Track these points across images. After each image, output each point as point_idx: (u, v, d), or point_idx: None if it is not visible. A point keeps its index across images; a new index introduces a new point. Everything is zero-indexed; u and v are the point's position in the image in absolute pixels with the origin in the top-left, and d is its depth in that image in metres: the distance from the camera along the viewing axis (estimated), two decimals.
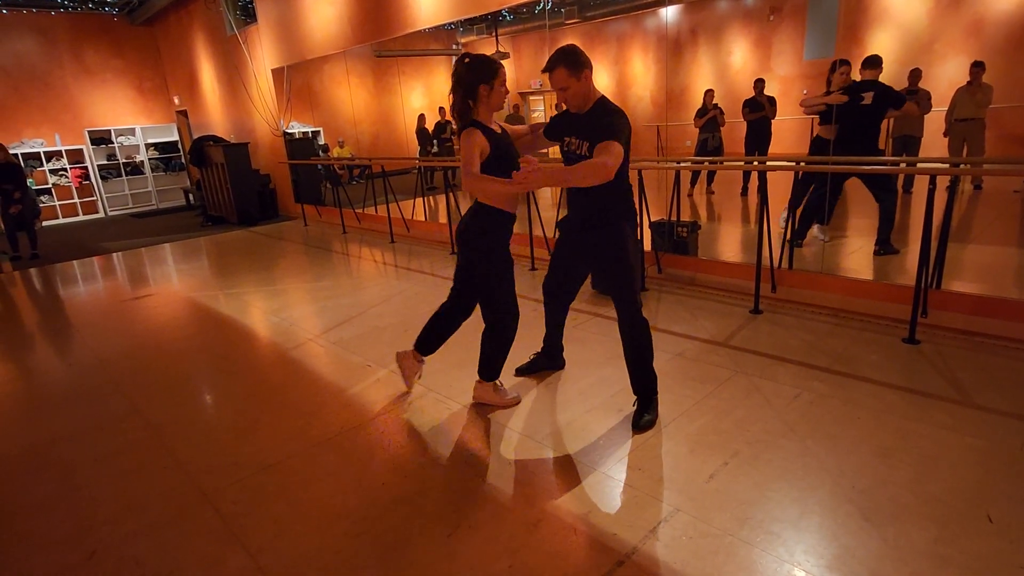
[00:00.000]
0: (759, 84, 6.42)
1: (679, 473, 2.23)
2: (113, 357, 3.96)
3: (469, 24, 8.65)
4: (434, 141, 9.59)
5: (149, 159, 12.46)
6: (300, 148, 9.31)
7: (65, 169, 11.54)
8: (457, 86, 2.45)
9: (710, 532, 1.91)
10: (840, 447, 2.30)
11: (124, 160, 12.17)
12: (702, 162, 6.63)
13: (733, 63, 8.08)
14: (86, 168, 11.79)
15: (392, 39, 6.91)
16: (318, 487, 2.33)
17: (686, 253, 4.64)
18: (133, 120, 12.36)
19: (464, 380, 3.07)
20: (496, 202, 2.55)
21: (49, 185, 11.41)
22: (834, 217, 4.98)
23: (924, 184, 3.14)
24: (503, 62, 2.56)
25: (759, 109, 6.37)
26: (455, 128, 2.57)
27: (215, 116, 11.21)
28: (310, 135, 10.24)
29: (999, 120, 5.48)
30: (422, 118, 9.73)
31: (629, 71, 9.27)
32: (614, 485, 2.20)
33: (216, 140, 9.77)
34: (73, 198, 11.73)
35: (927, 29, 6.10)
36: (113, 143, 11.99)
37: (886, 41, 6.37)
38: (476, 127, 2.44)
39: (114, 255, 7.75)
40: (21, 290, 6.30)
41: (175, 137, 12.77)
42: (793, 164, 4.55)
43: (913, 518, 1.90)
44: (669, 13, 8.36)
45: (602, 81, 9.03)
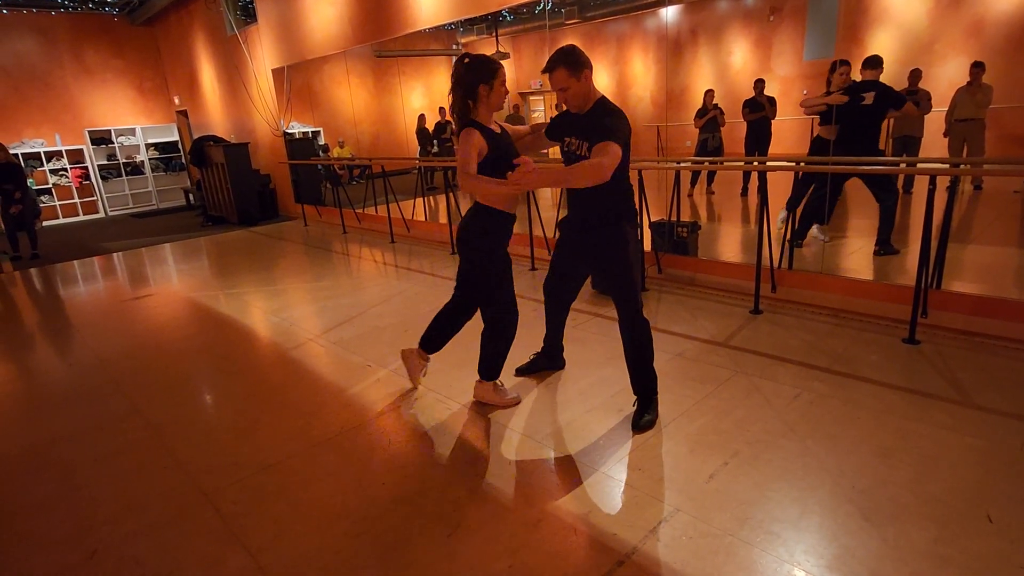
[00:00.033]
0: (759, 84, 6.42)
1: (679, 473, 2.23)
2: (113, 357, 3.96)
3: (469, 24, 8.64)
4: (434, 141, 9.59)
5: (149, 159, 12.46)
6: (300, 148, 9.31)
7: (65, 169, 11.54)
8: (457, 86, 2.45)
9: (710, 532, 1.91)
10: (840, 447, 2.31)
11: (124, 160, 12.17)
12: (702, 162, 6.63)
13: (733, 63, 8.08)
14: (86, 168, 11.79)
15: (392, 39, 6.92)
16: (318, 487, 2.33)
17: (686, 253, 4.64)
18: (133, 120, 12.36)
19: (464, 380, 3.07)
20: (495, 203, 2.55)
21: (49, 185, 11.42)
22: (834, 217, 4.98)
23: (924, 184, 3.14)
24: (503, 62, 2.56)
25: (759, 109, 6.37)
26: (455, 128, 2.57)
27: (215, 116, 11.21)
28: (310, 135, 10.24)
29: (999, 120, 5.47)
30: (422, 118, 9.73)
31: (629, 71, 9.27)
32: (614, 485, 2.20)
33: (216, 140, 9.78)
34: (73, 198, 11.74)
35: (927, 29, 6.09)
36: (113, 143, 11.99)
37: (886, 41, 6.37)
38: (475, 127, 2.44)
39: (114, 255, 7.75)
40: (21, 290, 6.30)
41: (175, 137, 12.78)
42: (793, 164, 4.56)
43: (913, 518, 1.90)
44: (669, 13, 8.36)
45: (602, 81, 9.03)
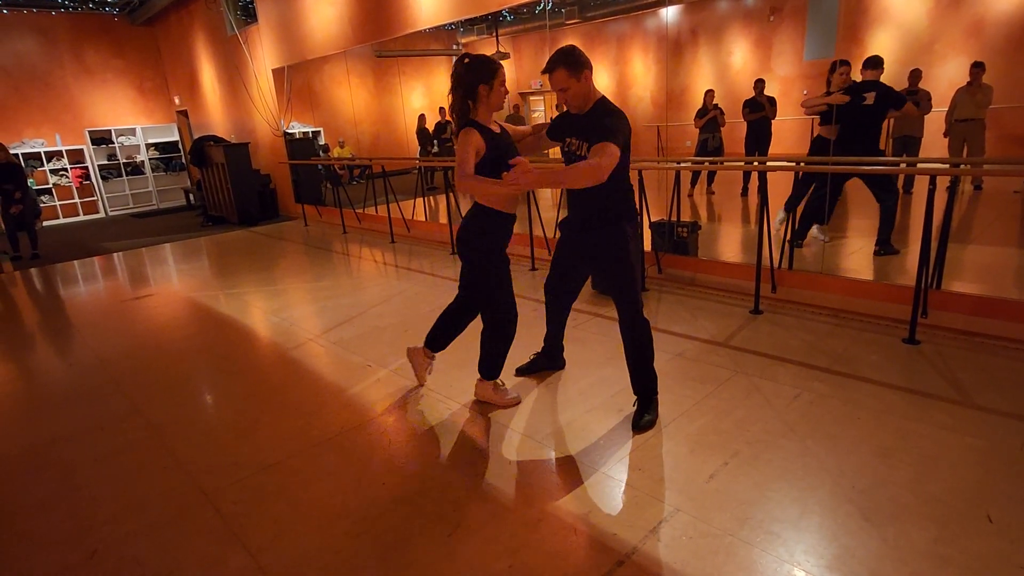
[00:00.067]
0: (759, 84, 6.42)
1: (679, 473, 2.23)
2: (114, 357, 3.96)
3: (469, 24, 8.64)
4: (434, 141, 9.59)
5: (149, 159, 12.47)
6: (300, 148, 9.31)
7: (66, 169, 11.54)
8: (456, 86, 2.45)
9: (710, 532, 1.91)
10: (840, 447, 2.31)
11: (125, 160, 12.18)
12: (702, 162, 6.63)
13: (733, 63, 8.08)
14: (87, 168, 11.79)
15: (392, 39, 6.92)
16: (318, 487, 2.33)
17: (686, 253, 4.64)
18: (134, 120, 12.36)
19: (464, 380, 3.07)
20: (494, 203, 2.55)
21: (50, 185, 11.42)
22: (834, 218, 4.98)
23: (924, 184, 3.14)
24: (503, 62, 2.56)
25: (759, 109, 6.37)
26: (455, 128, 2.57)
27: (215, 116, 11.21)
28: (310, 135, 10.24)
29: (999, 121, 5.47)
30: (422, 118, 9.73)
31: (629, 71, 9.27)
32: (614, 485, 2.20)
33: (217, 140, 9.78)
34: (74, 198, 11.74)
35: (927, 30, 6.09)
36: (114, 143, 12.00)
37: (886, 41, 6.36)
38: (474, 127, 2.44)
39: (115, 255, 7.75)
40: (22, 290, 6.30)
41: (175, 137, 12.78)
42: (793, 164, 4.56)
43: (913, 518, 1.90)
44: (669, 13, 8.36)
45: (602, 81, 9.03)
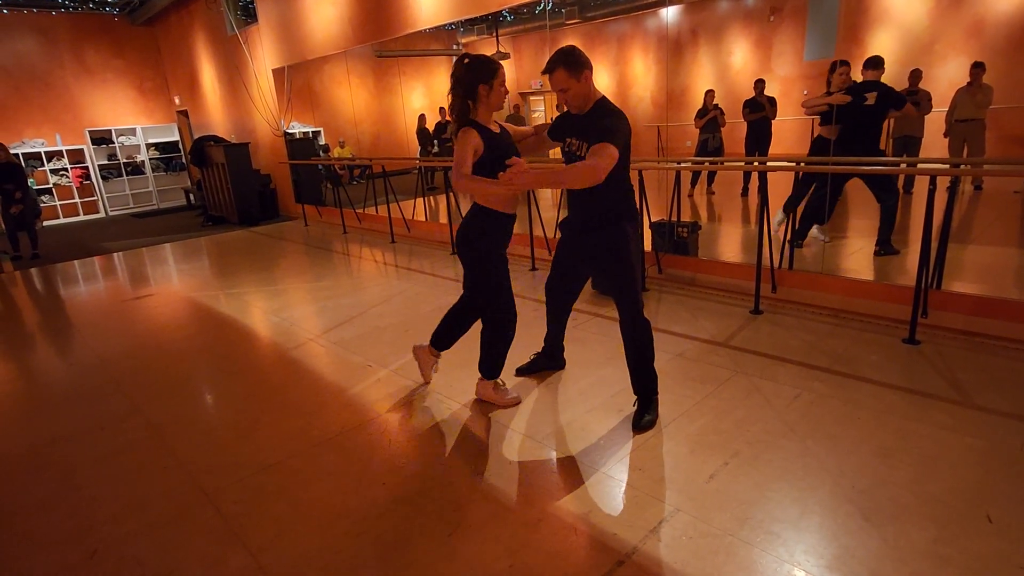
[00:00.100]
0: (759, 84, 6.42)
1: (679, 473, 2.23)
2: (114, 357, 3.96)
3: (470, 24, 8.64)
4: (435, 141, 9.59)
5: (150, 159, 12.47)
6: (301, 148, 9.31)
7: (66, 169, 11.55)
8: (456, 86, 2.45)
9: (710, 532, 1.91)
10: (840, 447, 2.31)
11: (125, 160, 12.18)
12: (702, 162, 6.63)
13: (733, 63, 8.08)
14: (87, 168, 11.79)
15: (393, 39, 6.92)
16: (319, 487, 2.33)
17: (686, 253, 4.64)
18: (134, 120, 12.37)
19: (465, 380, 3.07)
20: (494, 204, 2.55)
21: (50, 185, 11.42)
22: (834, 218, 4.98)
23: (924, 185, 3.14)
24: (503, 62, 2.56)
25: (759, 109, 6.37)
26: (454, 128, 2.57)
27: (216, 116, 11.22)
28: (311, 135, 10.24)
29: (999, 121, 5.47)
30: (423, 118, 9.73)
31: (629, 71, 9.27)
32: (614, 485, 2.20)
33: (217, 140, 9.78)
34: (74, 198, 11.74)
35: (927, 30, 6.09)
36: (114, 143, 12.00)
37: (886, 42, 6.36)
38: (472, 127, 2.44)
39: (115, 255, 7.75)
40: (22, 290, 6.31)
41: (176, 137, 12.79)
42: (793, 164, 4.56)
43: (913, 518, 1.90)
44: (669, 13, 8.36)
45: (603, 81, 9.04)
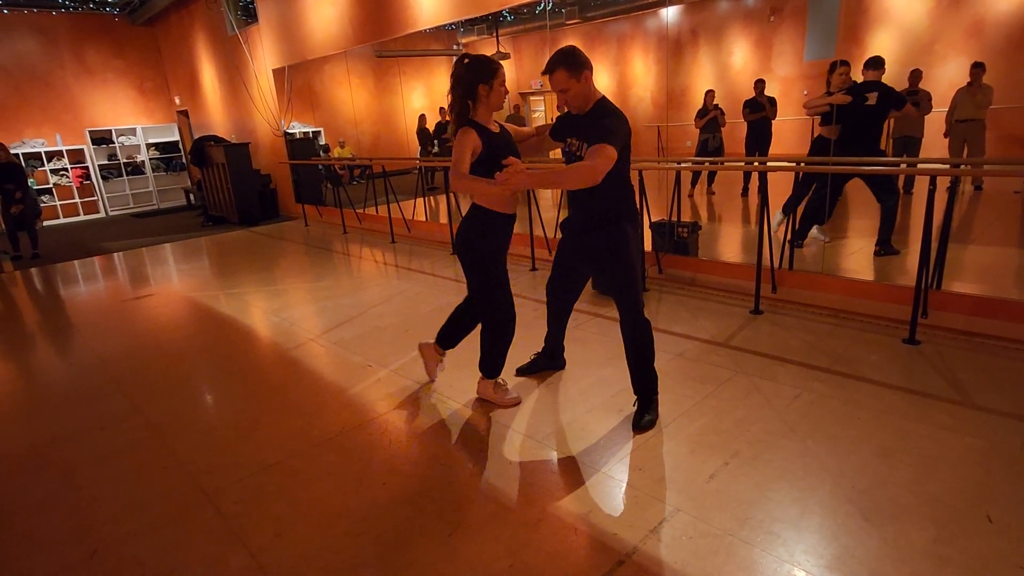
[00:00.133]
0: (759, 85, 6.42)
1: (679, 473, 2.23)
2: (114, 357, 3.96)
3: (470, 24, 8.64)
4: (435, 141, 9.59)
5: (150, 159, 12.47)
6: (301, 148, 9.31)
7: (66, 169, 11.55)
8: (456, 86, 2.45)
9: (710, 532, 1.91)
10: (840, 447, 2.31)
11: (125, 160, 12.18)
12: (702, 162, 6.63)
13: (734, 64, 8.08)
14: (87, 168, 11.79)
15: (393, 39, 6.92)
16: (319, 487, 2.33)
17: (687, 253, 4.64)
18: (134, 120, 12.37)
19: (465, 380, 3.07)
20: (493, 204, 2.54)
21: (50, 185, 11.42)
22: (834, 218, 4.98)
23: (924, 185, 3.14)
24: (503, 62, 2.56)
25: (759, 110, 6.37)
26: (453, 128, 2.57)
27: (216, 116, 11.22)
28: (311, 135, 10.25)
29: (999, 121, 5.48)
30: (423, 118, 9.73)
31: (630, 71, 9.27)
32: (614, 485, 2.20)
33: (217, 140, 9.78)
34: (74, 198, 11.74)
35: (928, 30, 6.09)
36: (114, 143, 12.00)
37: (887, 42, 6.36)
38: (471, 126, 2.44)
39: (115, 255, 7.75)
40: (22, 290, 6.31)
41: (176, 137, 12.79)
42: (793, 164, 4.56)
43: (913, 518, 1.90)
44: (670, 14, 8.36)
45: (603, 82, 9.04)
